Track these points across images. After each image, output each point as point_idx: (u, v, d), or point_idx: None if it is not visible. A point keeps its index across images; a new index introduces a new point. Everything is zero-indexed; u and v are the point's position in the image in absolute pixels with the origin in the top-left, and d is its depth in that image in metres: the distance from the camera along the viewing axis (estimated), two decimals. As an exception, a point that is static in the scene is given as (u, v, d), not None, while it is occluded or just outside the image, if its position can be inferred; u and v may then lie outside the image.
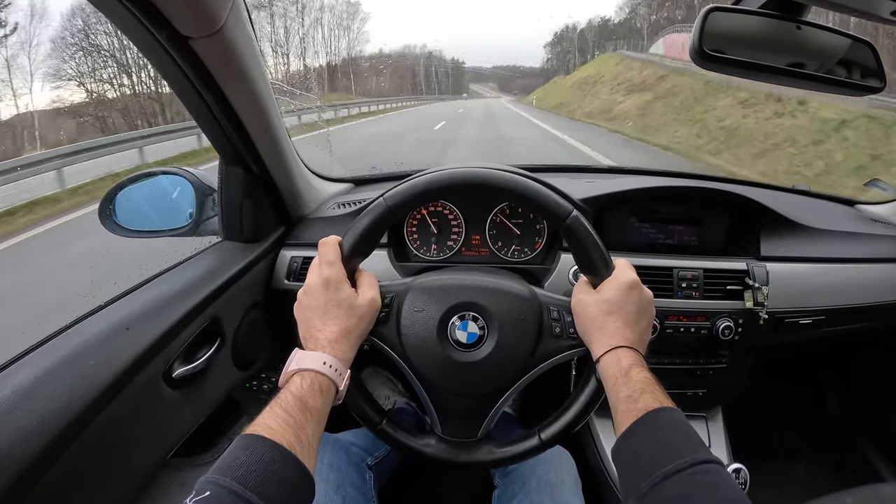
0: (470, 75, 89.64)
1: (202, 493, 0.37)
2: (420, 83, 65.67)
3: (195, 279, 0.76)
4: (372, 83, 43.79)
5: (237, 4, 0.61)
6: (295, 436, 0.44)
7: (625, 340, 0.53)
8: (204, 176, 0.88)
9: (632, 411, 0.48)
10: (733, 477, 0.64)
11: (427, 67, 70.37)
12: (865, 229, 0.99)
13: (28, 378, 0.52)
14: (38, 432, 0.48)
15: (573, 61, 58.95)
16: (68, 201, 4.97)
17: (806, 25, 0.64)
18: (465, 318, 0.60)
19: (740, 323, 0.86)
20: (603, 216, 0.92)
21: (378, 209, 0.58)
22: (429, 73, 70.41)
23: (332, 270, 0.55)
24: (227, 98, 0.68)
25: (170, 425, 0.69)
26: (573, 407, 0.60)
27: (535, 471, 0.75)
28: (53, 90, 17.19)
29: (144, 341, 0.62)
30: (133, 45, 0.61)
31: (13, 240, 4.10)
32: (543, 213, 0.59)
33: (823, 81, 0.67)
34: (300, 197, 0.95)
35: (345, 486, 0.73)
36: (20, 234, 4.23)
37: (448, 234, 0.93)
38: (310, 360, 0.50)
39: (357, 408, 0.61)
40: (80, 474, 0.53)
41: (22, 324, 1.04)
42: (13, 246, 3.99)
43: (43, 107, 14.57)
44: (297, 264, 0.90)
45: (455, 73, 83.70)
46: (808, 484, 1.16)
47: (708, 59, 0.63)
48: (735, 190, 0.93)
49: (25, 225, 4.42)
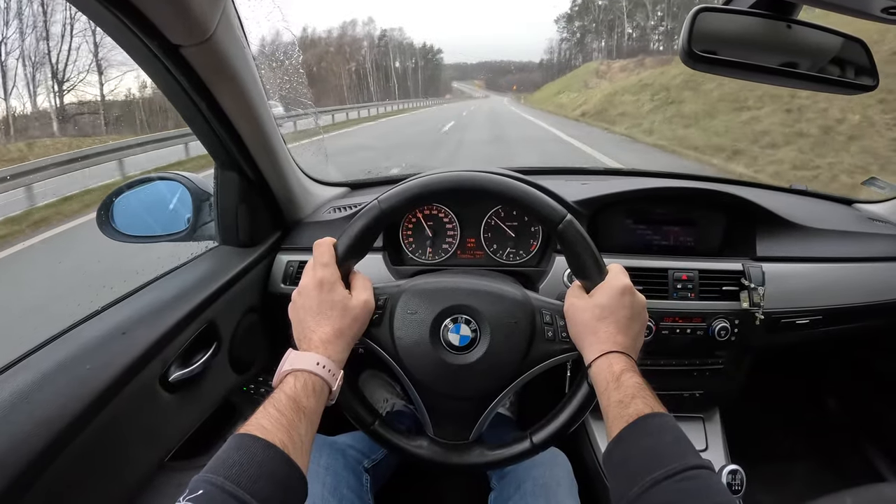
0: (454, 71, 73.46)
1: (195, 491, 0.37)
2: (370, 82, 41.09)
3: (191, 284, 0.76)
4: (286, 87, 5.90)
5: (227, 12, 0.61)
6: (288, 436, 0.44)
7: (617, 346, 0.53)
8: (200, 181, 0.89)
9: (622, 416, 0.48)
10: (724, 482, 0.64)
11: (379, 57, 44.01)
12: (862, 228, 0.99)
13: (25, 382, 0.53)
14: (35, 436, 0.49)
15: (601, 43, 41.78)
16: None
17: (797, 24, 0.63)
18: (457, 321, 0.60)
19: (736, 324, 0.86)
20: (598, 218, 0.92)
21: (372, 212, 0.59)
22: (383, 65, 42.96)
23: (326, 272, 0.56)
24: (219, 104, 0.69)
25: (167, 429, 0.70)
26: (565, 411, 0.60)
27: (531, 473, 0.75)
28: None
29: (141, 345, 0.63)
30: (125, 53, 0.62)
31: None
32: (537, 217, 0.59)
33: (816, 81, 0.67)
34: (296, 201, 0.96)
35: (341, 488, 0.73)
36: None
37: (443, 236, 0.93)
38: (303, 361, 0.50)
39: (350, 408, 0.62)
40: (76, 478, 0.54)
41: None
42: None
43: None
44: (293, 268, 0.91)
45: (430, 66, 61.58)
46: (808, 484, 1.15)
47: (698, 59, 0.62)
48: (730, 190, 0.93)
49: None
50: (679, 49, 0.63)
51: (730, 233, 0.94)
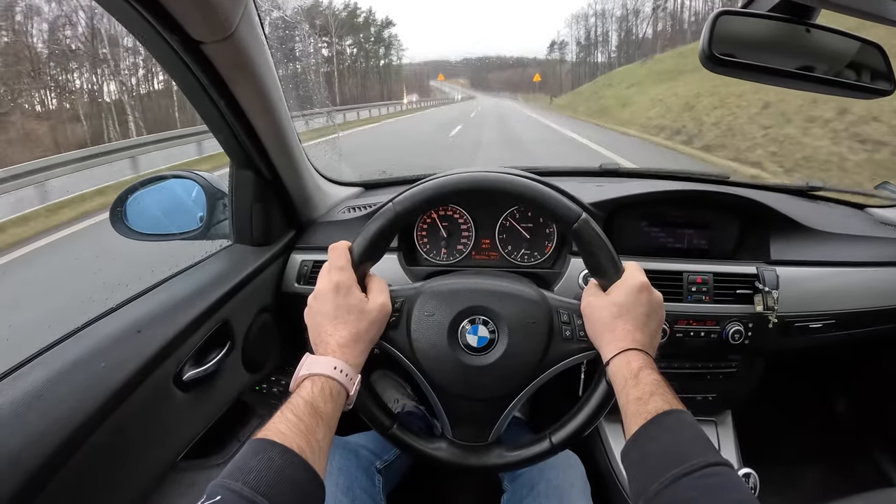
0: (429, 68, 57.03)
1: (213, 497, 0.37)
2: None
3: (206, 282, 0.76)
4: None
5: (249, 9, 0.61)
6: (306, 441, 0.44)
7: (634, 343, 0.53)
8: (215, 180, 0.89)
9: (641, 413, 0.48)
10: (742, 479, 0.64)
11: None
12: (875, 233, 0.99)
13: (40, 379, 0.52)
14: (50, 434, 0.49)
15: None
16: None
17: (815, 28, 0.64)
18: (475, 322, 0.60)
19: (750, 327, 0.86)
20: (613, 220, 0.92)
21: (387, 214, 0.59)
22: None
23: (342, 275, 0.55)
24: (238, 102, 0.69)
25: (180, 427, 0.70)
26: (583, 410, 0.60)
27: (544, 475, 0.75)
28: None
29: (156, 344, 0.62)
30: (145, 49, 0.61)
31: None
32: (553, 216, 0.59)
33: (833, 84, 0.67)
34: (310, 200, 0.96)
35: (354, 489, 0.73)
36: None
37: (458, 237, 0.93)
38: (321, 365, 0.50)
39: (368, 412, 0.61)
40: (90, 476, 0.53)
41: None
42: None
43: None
44: (307, 268, 0.91)
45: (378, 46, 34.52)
46: (818, 488, 1.15)
47: (718, 62, 0.62)
48: (744, 193, 0.93)
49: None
50: (699, 52, 0.63)
51: (743, 236, 0.94)
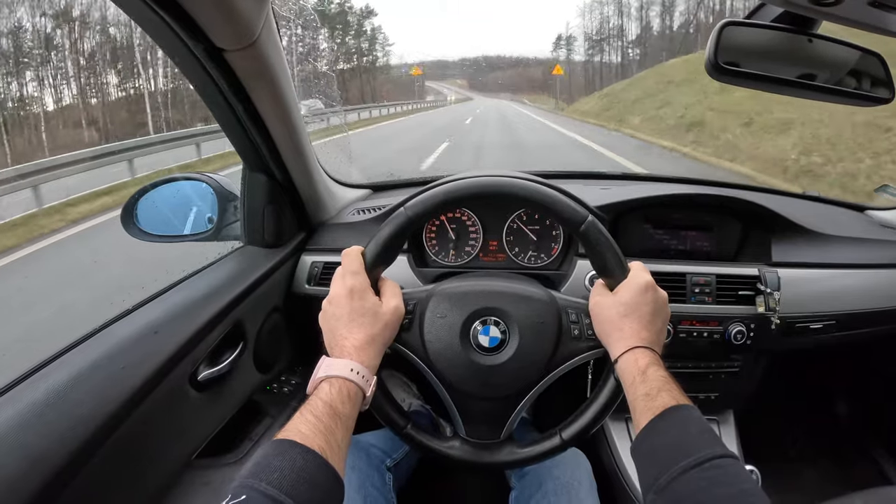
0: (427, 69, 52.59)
1: (238, 496, 0.38)
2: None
3: (220, 283, 0.77)
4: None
5: (269, 18, 0.63)
6: (326, 441, 0.45)
7: (641, 341, 0.55)
8: (225, 182, 0.90)
9: (650, 409, 0.49)
10: (748, 471, 0.66)
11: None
12: (875, 235, 1.01)
13: (60, 380, 0.53)
14: (71, 435, 0.49)
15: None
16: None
17: (817, 38, 0.65)
18: (486, 323, 0.61)
19: (752, 328, 0.88)
20: (618, 222, 0.94)
21: (399, 219, 0.60)
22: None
23: (356, 280, 0.57)
24: (256, 108, 0.70)
25: (195, 426, 0.71)
26: (592, 406, 0.61)
27: (552, 472, 0.76)
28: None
29: (172, 345, 0.64)
30: (166, 55, 0.63)
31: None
32: (560, 218, 0.61)
33: (834, 93, 0.69)
34: (321, 203, 0.97)
35: (366, 486, 0.74)
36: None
37: (466, 239, 0.95)
38: (338, 368, 0.52)
39: (383, 413, 0.63)
40: (110, 474, 0.54)
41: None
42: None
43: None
44: (317, 269, 0.92)
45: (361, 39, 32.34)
46: (819, 486, 1.16)
47: (723, 71, 0.64)
48: (746, 197, 0.94)
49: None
50: (706, 61, 0.65)
51: (745, 238, 0.96)
